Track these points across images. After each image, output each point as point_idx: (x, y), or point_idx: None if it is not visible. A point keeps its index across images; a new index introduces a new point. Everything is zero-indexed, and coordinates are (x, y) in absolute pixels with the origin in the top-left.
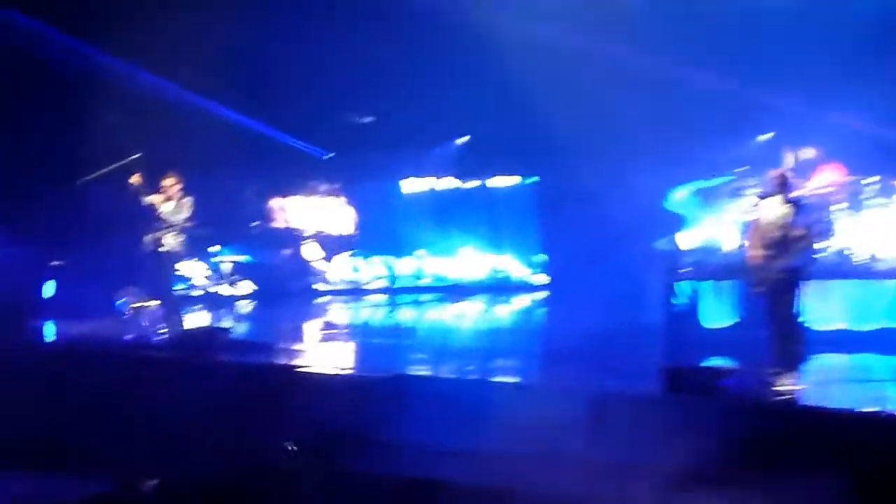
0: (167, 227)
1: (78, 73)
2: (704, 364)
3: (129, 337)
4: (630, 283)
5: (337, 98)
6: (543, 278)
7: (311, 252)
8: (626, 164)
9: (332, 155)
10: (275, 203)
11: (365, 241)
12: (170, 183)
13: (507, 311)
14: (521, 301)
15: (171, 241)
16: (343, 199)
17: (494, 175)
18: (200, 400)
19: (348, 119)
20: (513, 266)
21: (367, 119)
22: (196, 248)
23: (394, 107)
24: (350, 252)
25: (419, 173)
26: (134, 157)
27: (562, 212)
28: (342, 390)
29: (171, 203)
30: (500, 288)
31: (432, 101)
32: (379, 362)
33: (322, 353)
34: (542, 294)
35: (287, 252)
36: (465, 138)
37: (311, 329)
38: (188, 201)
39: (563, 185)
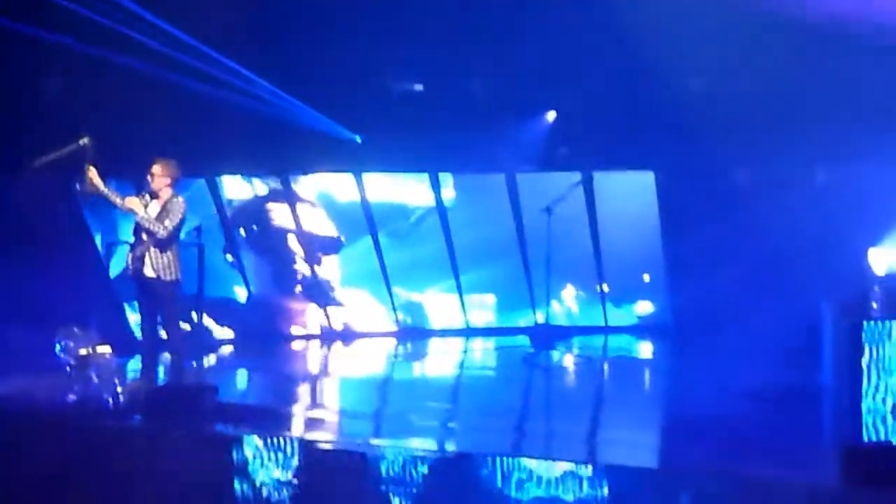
0: (149, 241)
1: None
2: None
3: (72, 398)
4: (796, 324)
5: (367, 55)
6: (657, 318)
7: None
8: (795, 147)
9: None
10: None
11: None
12: (157, 174)
13: (624, 365)
14: (635, 351)
15: (156, 260)
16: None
17: (591, 168)
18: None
19: (385, 87)
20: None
21: (412, 87)
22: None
23: (447, 69)
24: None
25: (478, 164)
26: (82, 141)
27: (695, 221)
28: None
29: (156, 205)
30: (589, 331)
31: (504, 59)
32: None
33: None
34: (657, 343)
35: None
36: (552, 114)
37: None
38: (180, 203)
39: (697, 182)
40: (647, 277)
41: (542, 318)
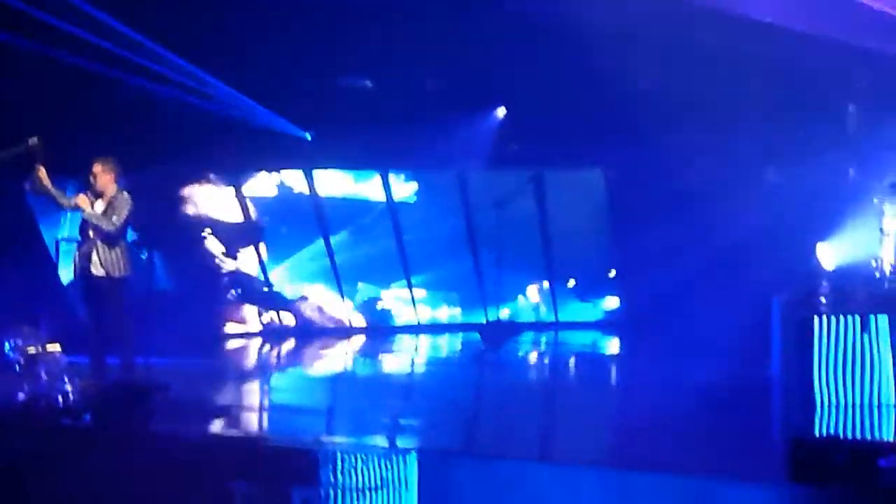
0: (96, 238)
1: None
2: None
3: (21, 397)
4: (747, 320)
5: (316, 51)
6: (609, 314)
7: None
8: (744, 145)
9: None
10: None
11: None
12: (100, 172)
13: (569, 361)
14: (586, 347)
15: (104, 257)
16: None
17: (540, 166)
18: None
19: (334, 84)
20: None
21: (361, 83)
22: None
23: (396, 65)
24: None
25: (428, 161)
26: (31, 141)
27: (646, 218)
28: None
29: (101, 203)
30: (542, 327)
31: (454, 56)
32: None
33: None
34: (609, 338)
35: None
36: (501, 111)
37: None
38: (126, 199)
39: (647, 179)
40: (612, 273)
41: (505, 314)
